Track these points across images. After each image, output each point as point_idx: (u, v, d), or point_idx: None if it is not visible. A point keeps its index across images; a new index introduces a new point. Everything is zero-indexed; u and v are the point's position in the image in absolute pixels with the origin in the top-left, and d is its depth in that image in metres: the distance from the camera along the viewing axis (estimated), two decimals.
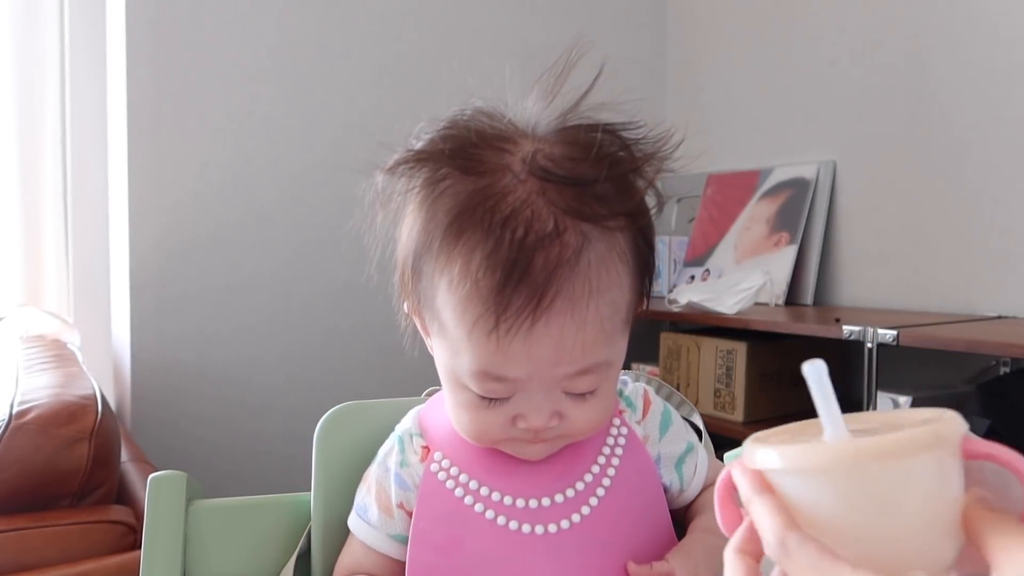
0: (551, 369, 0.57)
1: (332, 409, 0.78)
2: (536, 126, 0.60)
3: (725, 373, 1.97)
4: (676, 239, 2.45)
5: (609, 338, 0.58)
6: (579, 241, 0.55)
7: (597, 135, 0.58)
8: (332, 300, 2.21)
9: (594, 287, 0.55)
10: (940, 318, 1.79)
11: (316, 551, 0.75)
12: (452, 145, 0.58)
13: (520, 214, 0.55)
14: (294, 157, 2.17)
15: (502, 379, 0.57)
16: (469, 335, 0.56)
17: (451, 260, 0.56)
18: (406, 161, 0.60)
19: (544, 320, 0.54)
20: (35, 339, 1.94)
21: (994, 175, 1.83)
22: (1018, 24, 1.79)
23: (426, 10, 2.32)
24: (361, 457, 0.73)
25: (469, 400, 0.60)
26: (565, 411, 0.59)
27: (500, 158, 0.58)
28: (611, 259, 0.57)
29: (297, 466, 1.01)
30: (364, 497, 0.70)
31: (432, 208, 0.58)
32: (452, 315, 0.57)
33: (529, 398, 0.58)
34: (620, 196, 0.58)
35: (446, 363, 0.61)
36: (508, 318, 0.54)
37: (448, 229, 0.56)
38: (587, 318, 0.55)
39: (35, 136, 2.29)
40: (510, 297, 0.54)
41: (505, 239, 0.54)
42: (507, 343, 0.55)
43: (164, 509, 0.73)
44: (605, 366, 0.59)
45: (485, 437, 0.62)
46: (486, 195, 0.56)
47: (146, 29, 2.03)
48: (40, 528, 1.24)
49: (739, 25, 2.45)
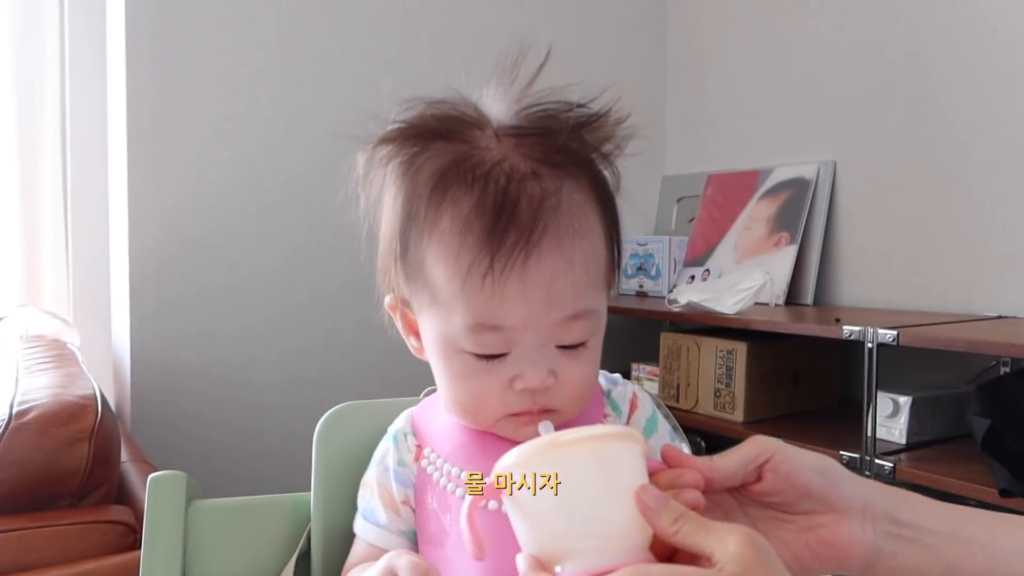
0: (546, 312, 0.58)
1: (332, 409, 0.79)
2: (496, 113, 0.63)
3: (725, 373, 1.97)
4: (676, 239, 2.45)
5: (595, 286, 0.61)
6: (556, 185, 0.59)
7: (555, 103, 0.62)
8: (332, 300, 2.21)
9: (576, 229, 0.59)
10: (940, 318, 1.80)
11: (316, 551, 0.75)
12: (427, 124, 0.62)
13: (500, 166, 0.59)
14: (294, 157, 2.17)
15: (498, 328, 0.58)
16: (463, 286, 0.58)
17: (439, 217, 0.59)
18: (385, 140, 0.63)
19: (536, 256, 0.57)
20: (35, 339, 1.94)
21: (994, 175, 1.83)
22: (1018, 24, 1.79)
23: (425, 10, 2.32)
24: (361, 457, 0.73)
25: (464, 365, 0.61)
26: (559, 369, 0.60)
27: (471, 131, 0.62)
28: (585, 206, 0.61)
29: (297, 466, 1.01)
30: (368, 501, 0.70)
31: (413, 180, 0.62)
32: (444, 271, 0.59)
33: (525, 354, 0.59)
34: (584, 148, 0.62)
35: (438, 332, 0.62)
36: (502, 256, 0.57)
37: (433, 191, 0.60)
38: (574, 258, 0.59)
39: (35, 136, 2.29)
40: (501, 236, 0.57)
41: (490, 187, 0.58)
42: (502, 285, 0.57)
43: (164, 509, 0.73)
44: (594, 316, 0.61)
45: (482, 409, 0.62)
46: (465, 157, 0.60)
47: (146, 29, 2.03)
48: (40, 528, 1.24)
49: (739, 25, 2.45)
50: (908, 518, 0.57)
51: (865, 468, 1.65)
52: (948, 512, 0.57)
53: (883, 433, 1.71)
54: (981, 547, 0.56)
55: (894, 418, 1.71)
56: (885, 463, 1.62)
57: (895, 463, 1.61)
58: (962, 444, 1.68)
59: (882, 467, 1.62)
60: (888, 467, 1.61)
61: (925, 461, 1.63)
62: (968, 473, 1.52)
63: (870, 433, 1.66)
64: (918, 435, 1.71)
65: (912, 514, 0.56)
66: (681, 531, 0.50)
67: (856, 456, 1.67)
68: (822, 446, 1.71)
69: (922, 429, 1.72)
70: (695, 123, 2.60)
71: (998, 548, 0.55)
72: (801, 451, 0.57)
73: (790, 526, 0.59)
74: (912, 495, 0.58)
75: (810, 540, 0.59)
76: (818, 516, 0.58)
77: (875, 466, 1.64)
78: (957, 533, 0.56)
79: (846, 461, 1.67)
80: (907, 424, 1.70)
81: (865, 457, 1.66)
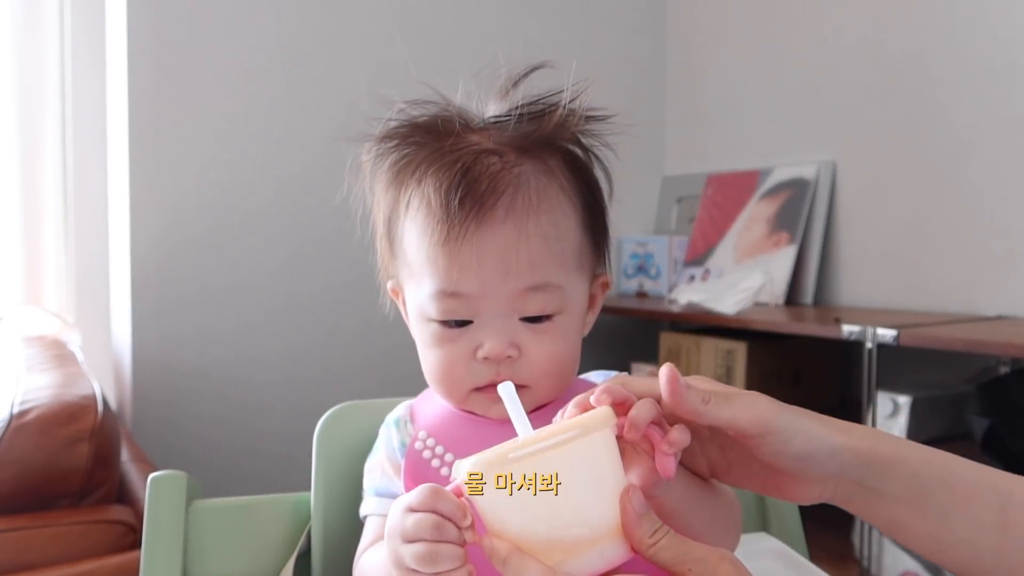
0: (501, 280, 0.62)
1: (332, 409, 0.79)
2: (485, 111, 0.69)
3: (725, 373, 1.97)
4: (676, 239, 2.45)
5: (557, 260, 0.64)
6: (517, 162, 0.64)
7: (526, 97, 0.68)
8: (332, 300, 2.21)
9: (534, 204, 0.63)
10: (940, 318, 1.80)
11: (316, 551, 0.75)
12: (420, 123, 0.67)
13: (469, 150, 0.64)
14: (294, 157, 2.17)
15: (457, 295, 0.63)
16: (427, 254, 0.63)
17: (414, 196, 0.65)
18: (382, 139, 0.68)
19: (488, 224, 0.61)
20: (35, 339, 1.94)
21: (994, 175, 1.83)
22: (1018, 24, 1.79)
23: (425, 11, 2.32)
24: (361, 457, 0.73)
25: (433, 334, 0.65)
26: (523, 342, 0.63)
27: (459, 127, 0.66)
28: (551, 186, 0.65)
29: (297, 466, 1.01)
30: (380, 479, 0.70)
31: (402, 171, 0.67)
32: (415, 243, 0.65)
33: (487, 323, 0.63)
34: (555, 136, 0.66)
35: (414, 303, 0.67)
36: (456, 224, 0.61)
37: (413, 175, 0.66)
38: (529, 230, 0.62)
39: (35, 136, 2.29)
40: (458, 205, 0.61)
41: (456, 166, 0.63)
42: (458, 251, 0.62)
43: (164, 509, 0.73)
44: (555, 291, 0.64)
45: (451, 379, 0.65)
46: (445, 146, 0.65)
47: (146, 29, 2.03)
48: (40, 528, 1.24)
49: (739, 25, 2.45)
50: (876, 485, 0.56)
51: None
52: (922, 480, 0.56)
53: None
54: (938, 512, 0.56)
55: (894, 418, 1.72)
56: None
57: None
58: (962, 444, 1.67)
59: None
60: None
61: None
62: None
63: None
64: (918, 435, 1.71)
65: (881, 481, 0.56)
66: (659, 545, 0.50)
67: None
68: None
69: (922, 429, 1.72)
70: (695, 123, 2.60)
71: (953, 515, 0.55)
72: (794, 435, 0.55)
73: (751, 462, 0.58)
74: (893, 462, 0.56)
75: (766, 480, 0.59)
76: (782, 473, 0.57)
77: None
78: (917, 500, 0.56)
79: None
80: (907, 424, 1.70)
81: None
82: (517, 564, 0.49)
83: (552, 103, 0.66)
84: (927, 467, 0.56)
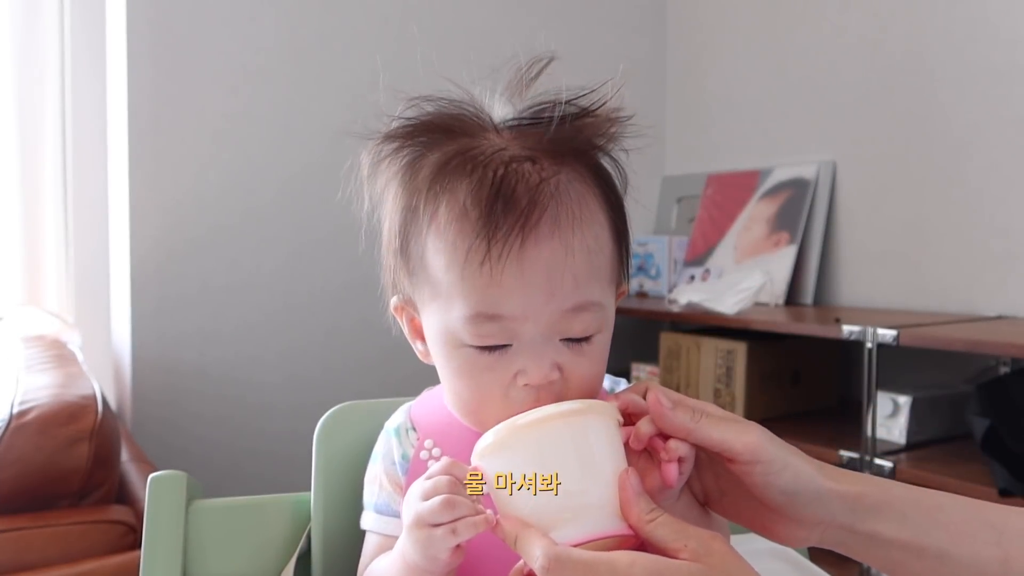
0: (545, 301, 0.57)
1: (332, 409, 0.78)
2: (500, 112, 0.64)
3: (725, 373, 1.97)
4: (676, 239, 2.45)
5: (598, 276, 0.60)
6: (554, 171, 0.58)
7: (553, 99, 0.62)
8: (332, 300, 2.21)
9: (576, 216, 0.58)
10: (940, 318, 1.80)
11: (316, 551, 0.75)
12: (430, 121, 0.63)
13: (498, 154, 0.59)
14: (294, 157, 2.17)
15: (497, 318, 0.57)
16: (461, 274, 0.57)
17: (437, 208, 0.59)
18: (388, 138, 0.63)
19: (533, 240, 0.56)
20: (35, 339, 1.94)
21: (994, 175, 1.83)
22: (1018, 24, 1.79)
23: (425, 11, 2.32)
24: (361, 457, 0.73)
25: (465, 360, 0.59)
26: (564, 363, 0.59)
27: (474, 127, 0.62)
28: (587, 195, 0.60)
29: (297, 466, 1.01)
30: (378, 495, 0.69)
31: (414, 175, 0.62)
32: (442, 261, 0.59)
33: (528, 348, 0.58)
34: (578, 138, 0.62)
35: (440, 326, 0.60)
36: (498, 241, 0.56)
37: (431, 183, 0.60)
38: (574, 245, 0.57)
39: (35, 136, 2.29)
40: (498, 221, 0.56)
41: (487, 174, 0.57)
42: (500, 271, 0.56)
43: (164, 509, 0.73)
44: (599, 310, 0.60)
45: (486, 409, 0.60)
46: (465, 149, 0.60)
47: (146, 29, 2.03)
48: (40, 528, 1.24)
49: (739, 25, 2.45)
50: (869, 528, 0.56)
51: (865, 468, 1.65)
52: (915, 522, 0.56)
53: (883, 433, 1.71)
54: (935, 553, 0.55)
55: (894, 418, 1.72)
56: (885, 463, 1.63)
57: (895, 463, 1.62)
58: (962, 444, 1.68)
59: (882, 467, 1.63)
60: (888, 467, 1.62)
61: (925, 461, 1.63)
62: (968, 473, 1.52)
63: (870, 433, 1.66)
64: (918, 435, 1.71)
65: (873, 525, 0.56)
66: (657, 521, 0.52)
67: (856, 456, 1.67)
68: (822, 446, 1.72)
69: (922, 429, 1.72)
70: (695, 123, 2.60)
71: (951, 555, 0.55)
72: (784, 467, 0.56)
73: (743, 493, 0.58)
74: (882, 506, 0.56)
75: (755, 515, 0.59)
76: (771, 510, 0.58)
77: (875, 466, 1.64)
78: (913, 542, 0.56)
79: (846, 461, 1.67)
80: (907, 424, 1.70)
81: (865, 457, 1.66)
82: (525, 539, 0.52)
83: (590, 107, 0.61)
84: (917, 509, 0.56)
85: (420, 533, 0.54)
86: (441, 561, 0.55)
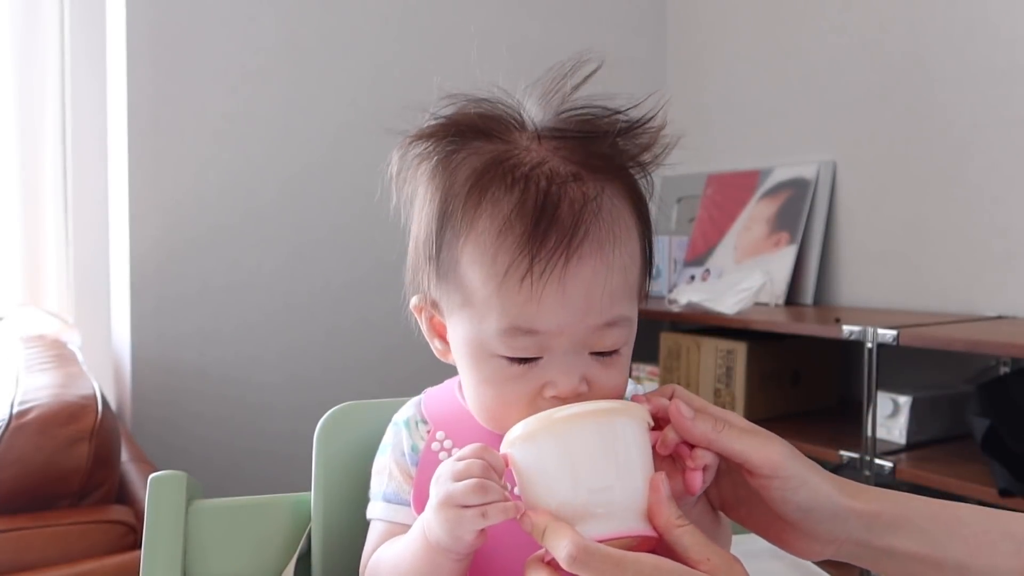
0: (582, 318, 0.58)
1: (332, 409, 0.78)
2: (536, 117, 0.63)
3: (725, 373, 1.97)
4: (676, 239, 2.45)
5: (631, 293, 0.61)
6: (598, 189, 0.58)
7: (596, 109, 0.62)
8: (332, 300, 2.21)
9: (616, 235, 0.58)
10: (940, 318, 1.80)
11: (316, 551, 0.75)
12: (465, 122, 0.61)
13: (540, 168, 0.58)
14: (294, 157, 2.17)
15: (532, 332, 0.58)
16: (499, 288, 0.57)
17: (477, 218, 0.58)
18: (422, 136, 0.62)
19: (576, 260, 0.56)
20: (35, 339, 1.94)
21: (994, 175, 1.83)
22: (1018, 24, 1.79)
23: (425, 11, 2.32)
24: (361, 457, 0.73)
25: (495, 370, 0.60)
26: (592, 376, 0.60)
27: (510, 132, 0.61)
28: (624, 212, 0.60)
29: (297, 466, 1.01)
30: (387, 484, 0.68)
31: (450, 178, 0.61)
32: (480, 273, 0.58)
33: (558, 360, 0.59)
34: (623, 155, 0.62)
35: (471, 336, 0.60)
36: (542, 259, 0.56)
37: (471, 190, 0.59)
38: (613, 263, 0.58)
39: (35, 136, 2.29)
40: (542, 238, 0.56)
41: (531, 189, 0.57)
42: (540, 287, 0.56)
43: (164, 509, 0.73)
44: (627, 324, 0.61)
45: (510, 416, 0.59)
46: (504, 157, 0.59)
47: (146, 29, 2.03)
48: (40, 528, 1.24)
49: (739, 25, 2.45)
50: (885, 544, 0.56)
51: (865, 468, 1.65)
52: (933, 536, 0.56)
53: (883, 433, 1.71)
54: (955, 566, 0.55)
55: (894, 418, 1.72)
56: (885, 463, 1.62)
57: (895, 463, 1.62)
58: (962, 444, 1.68)
59: (882, 467, 1.62)
60: (888, 467, 1.61)
61: (925, 461, 1.63)
62: (968, 473, 1.52)
63: (870, 433, 1.66)
64: (918, 435, 1.71)
65: (891, 540, 0.56)
66: (683, 528, 0.52)
67: (856, 456, 1.67)
68: (822, 446, 1.72)
69: (922, 429, 1.72)
70: (695, 123, 2.60)
71: (971, 567, 0.55)
72: (802, 484, 0.56)
73: (759, 503, 0.59)
74: (899, 521, 0.56)
75: (770, 526, 0.59)
76: (786, 523, 0.58)
77: (875, 466, 1.64)
78: (932, 556, 0.55)
79: (846, 461, 1.67)
80: (907, 424, 1.70)
81: (865, 457, 1.66)
82: (554, 531, 0.52)
83: (636, 123, 0.61)
84: (935, 523, 0.56)
85: (450, 512, 0.55)
86: (466, 541, 0.55)
